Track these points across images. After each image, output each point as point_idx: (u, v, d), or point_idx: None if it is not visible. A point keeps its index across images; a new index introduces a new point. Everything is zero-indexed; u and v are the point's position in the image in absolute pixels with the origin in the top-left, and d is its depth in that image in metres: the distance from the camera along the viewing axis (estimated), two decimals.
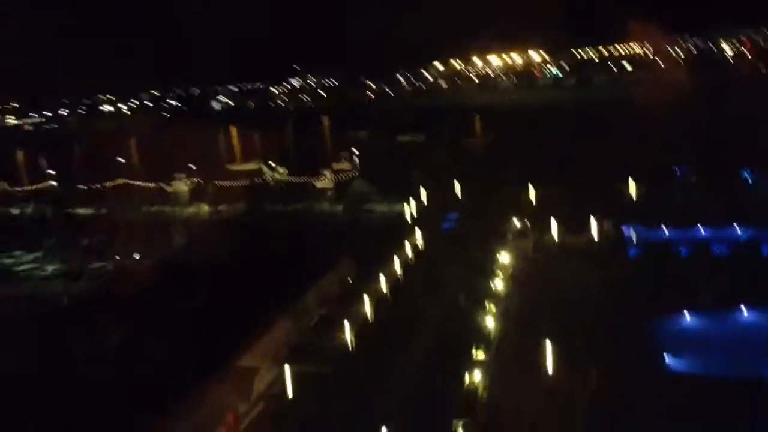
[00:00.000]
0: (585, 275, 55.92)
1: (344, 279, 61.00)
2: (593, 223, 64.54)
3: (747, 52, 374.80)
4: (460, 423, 36.54)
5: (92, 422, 40.35)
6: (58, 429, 41.13)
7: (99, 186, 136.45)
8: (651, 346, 43.97)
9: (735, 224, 64.55)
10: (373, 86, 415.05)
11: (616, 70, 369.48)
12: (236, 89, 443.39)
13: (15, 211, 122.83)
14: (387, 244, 68.06)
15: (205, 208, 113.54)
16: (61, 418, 41.28)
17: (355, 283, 59.40)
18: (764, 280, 51.93)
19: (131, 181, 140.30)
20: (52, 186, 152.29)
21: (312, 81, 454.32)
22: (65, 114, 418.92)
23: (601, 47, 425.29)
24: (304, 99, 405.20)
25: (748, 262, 56.66)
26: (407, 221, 79.17)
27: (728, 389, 38.03)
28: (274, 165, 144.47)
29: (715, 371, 40.78)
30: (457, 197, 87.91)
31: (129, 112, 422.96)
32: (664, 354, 42.52)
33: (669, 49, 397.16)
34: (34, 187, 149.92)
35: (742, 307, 47.84)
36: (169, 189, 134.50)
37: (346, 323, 47.94)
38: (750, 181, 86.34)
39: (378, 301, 53.72)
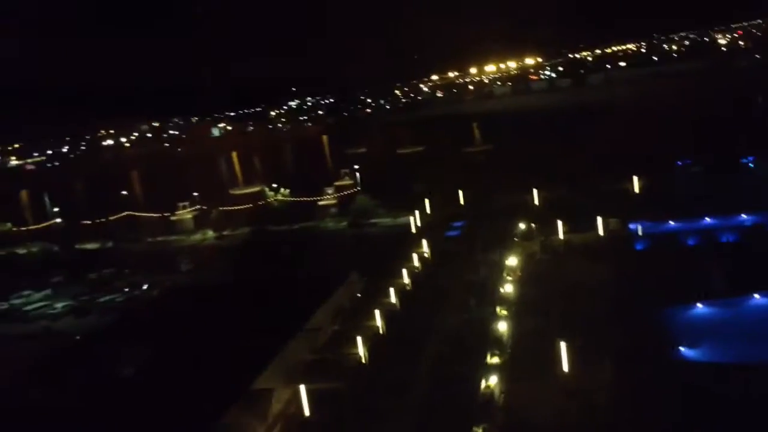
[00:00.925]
0: (592, 271, 55.75)
1: (354, 294, 60.90)
2: (599, 222, 64.45)
3: (741, 42, 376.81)
4: (480, 429, 36.38)
5: None
6: None
7: (104, 220, 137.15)
8: (664, 336, 43.63)
9: (740, 211, 64.18)
10: (370, 101, 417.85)
11: (610, 68, 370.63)
12: (233, 114, 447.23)
13: (21, 251, 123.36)
14: (394, 256, 68.12)
15: (210, 233, 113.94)
16: None
17: (365, 297, 59.29)
18: None
19: (135, 213, 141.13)
20: (58, 223, 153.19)
21: (310, 101, 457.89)
22: (65, 151, 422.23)
23: (597, 49, 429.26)
24: (302, 119, 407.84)
25: (756, 248, 56.23)
26: (413, 232, 79.20)
27: (746, 375, 37.72)
28: (276, 186, 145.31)
29: (730, 358, 40.43)
30: (461, 205, 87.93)
31: (128, 145, 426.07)
32: (679, 344, 42.16)
33: (662, 44, 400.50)
34: (40, 225, 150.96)
35: (755, 293, 47.36)
36: (173, 218, 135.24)
37: (359, 338, 47.91)
38: (752, 168, 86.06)
39: (388, 313, 53.60)
